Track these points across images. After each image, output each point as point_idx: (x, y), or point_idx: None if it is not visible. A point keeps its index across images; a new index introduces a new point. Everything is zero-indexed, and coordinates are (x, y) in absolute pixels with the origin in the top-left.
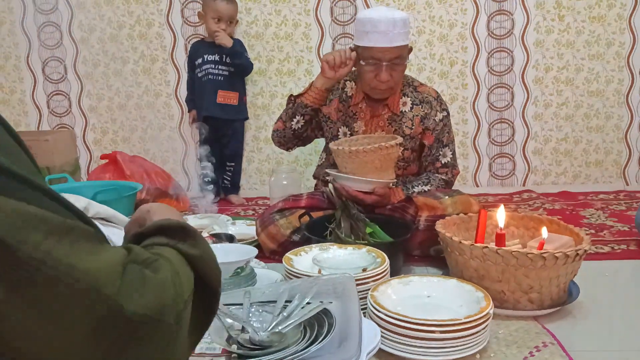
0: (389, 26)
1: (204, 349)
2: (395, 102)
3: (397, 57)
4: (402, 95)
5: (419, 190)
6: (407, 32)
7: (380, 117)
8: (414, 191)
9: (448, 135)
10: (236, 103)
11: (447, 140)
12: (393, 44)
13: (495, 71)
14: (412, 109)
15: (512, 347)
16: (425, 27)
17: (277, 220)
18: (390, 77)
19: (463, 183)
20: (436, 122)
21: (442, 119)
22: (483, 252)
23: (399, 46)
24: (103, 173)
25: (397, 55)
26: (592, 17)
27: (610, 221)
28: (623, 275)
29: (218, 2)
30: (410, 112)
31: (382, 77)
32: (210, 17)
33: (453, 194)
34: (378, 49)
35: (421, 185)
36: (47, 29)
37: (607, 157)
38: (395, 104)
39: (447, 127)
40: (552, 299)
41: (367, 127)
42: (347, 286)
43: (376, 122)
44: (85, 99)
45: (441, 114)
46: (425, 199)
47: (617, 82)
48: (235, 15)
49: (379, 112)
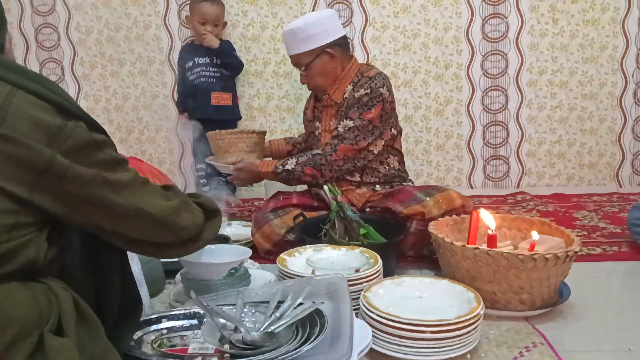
0: (286, 37)
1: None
2: (339, 92)
3: (297, 64)
4: (350, 85)
5: (287, 166)
6: (297, 41)
7: (331, 107)
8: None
9: (358, 111)
10: (230, 104)
11: (353, 115)
12: (289, 53)
13: (490, 74)
14: (352, 93)
15: (502, 347)
16: (421, 30)
17: (272, 220)
18: (305, 79)
19: (457, 185)
20: (354, 98)
21: (360, 96)
22: (474, 253)
23: (293, 55)
24: None
25: (296, 62)
26: (586, 21)
27: (603, 223)
28: (614, 277)
29: (203, 5)
30: (349, 97)
31: (300, 80)
32: (196, 20)
33: (432, 192)
34: (290, 57)
35: (291, 161)
36: (45, 31)
37: (601, 159)
38: (339, 94)
39: (362, 104)
40: (542, 300)
41: (324, 119)
42: (340, 287)
43: (329, 112)
44: (82, 100)
45: (363, 91)
46: (408, 208)
47: (611, 85)
48: (221, 16)
49: (328, 103)
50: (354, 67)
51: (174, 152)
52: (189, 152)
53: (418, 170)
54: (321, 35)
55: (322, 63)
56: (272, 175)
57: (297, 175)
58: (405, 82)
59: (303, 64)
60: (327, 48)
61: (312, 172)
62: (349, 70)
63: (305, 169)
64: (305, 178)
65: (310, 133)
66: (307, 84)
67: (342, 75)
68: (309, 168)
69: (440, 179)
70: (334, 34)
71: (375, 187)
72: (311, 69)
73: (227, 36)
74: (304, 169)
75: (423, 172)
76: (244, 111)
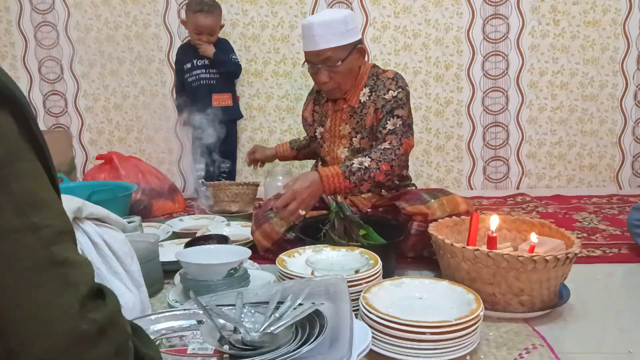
0: (311, 30)
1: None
2: (355, 95)
3: (327, 59)
4: (364, 87)
5: (357, 164)
6: (335, 34)
7: (343, 111)
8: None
9: (401, 109)
10: (231, 104)
11: (399, 112)
12: (317, 47)
13: (490, 75)
14: (371, 96)
15: (502, 349)
16: (421, 31)
17: (272, 219)
18: (330, 78)
19: (457, 186)
20: (385, 100)
21: (394, 96)
22: (474, 254)
23: (326, 48)
24: (98, 173)
25: (326, 57)
26: (587, 22)
27: (603, 225)
28: (614, 279)
29: (197, 17)
30: (369, 100)
31: (319, 79)
32: (191, 28)
33: (438, 194)
34: (308, 53)
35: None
36: (44, 29)
37: (601, 161)
38: (355, 97)
39: (400, 102)
40: (542, 302)
41: (332, 123)
42: (339, 288)
43: (339, 116)
44: (81, 99)
45: (394, 92)
46: (413, 206)
47: (612, 86)
48: (216, 25)
49: (340, 107)
50: (366, 69)
51: (174, 152)
52: (188, 152)
53: (418, 171)
54: (355, 30)
55: (353, 60)
56: (342, 179)
57: (373, 174)
58: None
59: (336, 60)
60: (359, 45)
61: (387, 168)
62: (363, 72)
63: (381, 165)
64: (379, 177)
65: (312, 137)
66: (326, 84)
67: (358, 76)
68: (385, 164)
69: (440, 180)
70: (359, 32)
71: (381, 191)
72: (342, 67)
73: (227, 35)
74: (379, 165)
75: (423, 173)
76: (244, 111)
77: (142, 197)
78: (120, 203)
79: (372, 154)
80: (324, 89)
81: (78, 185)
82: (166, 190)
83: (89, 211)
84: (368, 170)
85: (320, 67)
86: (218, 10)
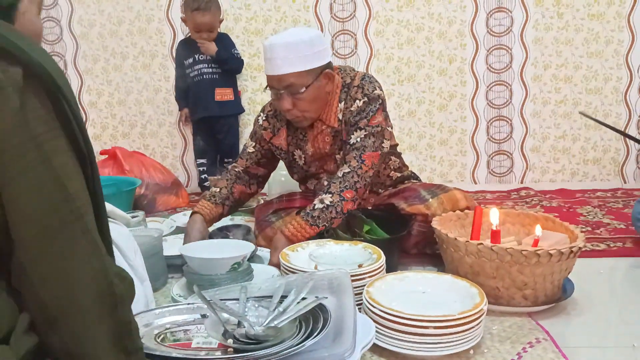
0: (273, 52)
1: (201, 343)
2: (331, 114)
3: (290, 86)
4: (339, 102)
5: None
6: (300, 57)
7: (323, 133)
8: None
9: (365, 120)
10: (232, 98)
11: (362, 124)
12: (279, 71)
13: (494, 68)
14: (345, 111)
15: (505, 343)
16: (424, 24)
17: (274, 223)
18: (293, 105)
19: (461, 180)
20: (351, 112)
21: (359, 106)
22: (478, 248)
23: (289, 73)
24: (102, 168)
25: (289, 83)
26: (591, 15)
27: (607, 219)
28: (618, 273)
29: (195, 15)
30: (345, 116)
31: (281, 106)
32: (190, 26)
33: (437, 191)
34: (270, 77)
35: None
36: (47, 24)
37: (605, 154)
38: (332, 117)
39: (365, 113)
40: (546, 296)
41: (314, 148)
42: (343, 282)
43: (321, 139)
44: (85, 94)
45: (359, 101)
46: (412, 207)
47: (616, 80)
48: (215, 22)
49: (320, 129)
50: (338, 84)
51: (177, 147)
52: (191, 147)
53: (421, 166)
54: (323, 53)
55: (319, 87)
56: (308, 228)
57: (340, 207)
58: (409, 76)
59: (300, 86)
60: (326, 69)
61: (352, 194)
62: (335, 88)
63: (345, 194)
64: (347, 206)
65: (291, 162)
66: (290, 112)
67: (330, 98)
68: (348, 191)
69: (444, 174)
70: (328, 55)
71: (379, 191)
72: (307, 93)
73: (229, 30)
74: (342, 195)
75: (426, 167)
76: (247, 105)
77: (146, 192)
78: (124, 198)
79: (332, 186)
80: (288, 117)
81: None
82: (170, 185)
83: None
84: (332, 207)
85: (283, 93)
86: (215, 6)
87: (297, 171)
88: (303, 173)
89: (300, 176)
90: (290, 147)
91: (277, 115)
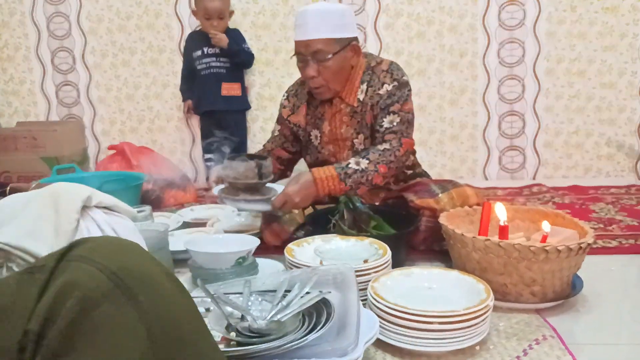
0: (305, 18)
1: None
2: (352, 93)
3: (317, 52)
4: (360, 83)
5: (353, 165)
6: (329, 25)
7: (341, 112)
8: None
9: (397, 104)
10: (239, 94)
11: (395, 109)
12: (308, 36)
13: (506, 62)
14: (367, 92)
15: (512, 340)
16: (435, 18)
17: (281, 217)
18: (318, 73)
19: (472, 176)
20: (380, 96)
21: (388, 90)
22: (485, 244)
23: (317, 39)
24: (111, 163)
25: (316, 49)
26: (605, 8)
27: (620, 215)
28: (629, 270)
29: (205, 1)
30: (367, 97)
31: (306, 72)
32: (200, 15)
33: (448, 186)
34: (298, 43)
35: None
36: (56, 20)
37: (619, 150)
38: (352, 96)
39: (395, 98)
40: (554, 292)
41: (331, 126)
42: (347, 276)
43: (338, 118)
44: (93, 89)
45: (389, 86)
46: (422, 200)
47: (630, 74)
48: (225, 9)
49: (338, 108)
50: (361, 64)
51: (185, 142)
52: (199, 142)
53: (432, 161)
54: (352, 26)
55: (345, 57)
56: (337, 182)
57: (370, 176)
58: (419, 70)
59: (327, 52)
60: (353, 41)
61: (385, 170)
62: (358, 68)
63: (379, 167)
64: (377, 179)
65: (307, 141)
66: (314, 79)
67: (352, 75)
68: (383, 166)
69: (455, 169)
70: (356, 30)
71: (390, 186)
72: (332, 62)
73: (237, 24)
74: (377, 167)
75: (437, 163)
76: (255, 100)
77: (153, 187)
78: (132, 193)
79: (371, 154)
80: (311, 84)
81: (90, 175)
82: (178, 180)
83: (98, 199)
84: (365, 173)
85: (310, 59)
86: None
87: (311, 152)
88: (315, 155)
89: (312, 159)
90: (308, 127)
91: (298, 94)
